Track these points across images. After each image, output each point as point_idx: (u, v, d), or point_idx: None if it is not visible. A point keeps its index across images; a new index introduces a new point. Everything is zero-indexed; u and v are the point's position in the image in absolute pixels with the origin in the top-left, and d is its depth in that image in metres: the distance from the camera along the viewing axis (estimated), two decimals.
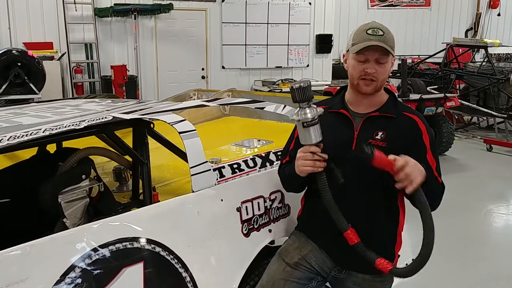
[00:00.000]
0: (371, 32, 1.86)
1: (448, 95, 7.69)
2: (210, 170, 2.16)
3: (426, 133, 1.92)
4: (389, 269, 1.84)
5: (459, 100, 8.10)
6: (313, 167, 1.88)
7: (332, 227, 1.98)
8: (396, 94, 6.81)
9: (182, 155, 2.29)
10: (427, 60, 10.39)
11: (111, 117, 2.12)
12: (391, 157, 1.71)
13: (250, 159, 2.44)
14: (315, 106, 1.85)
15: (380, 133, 1.92)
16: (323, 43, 10.70)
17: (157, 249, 1.87)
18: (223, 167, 2.29)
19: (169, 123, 2.17)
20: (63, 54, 8.28)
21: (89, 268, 1.68)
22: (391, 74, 10.44)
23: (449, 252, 4.26)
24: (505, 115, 8.64)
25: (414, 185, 1.70)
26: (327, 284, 2.18)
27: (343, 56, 2.02)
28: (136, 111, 2.37)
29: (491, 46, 9.45)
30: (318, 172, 1.88)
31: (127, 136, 2.43)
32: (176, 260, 1.92)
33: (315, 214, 2.07)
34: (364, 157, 1.68)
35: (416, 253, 2.89)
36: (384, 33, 1.87)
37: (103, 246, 1.74)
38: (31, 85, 6.90)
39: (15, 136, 1.80)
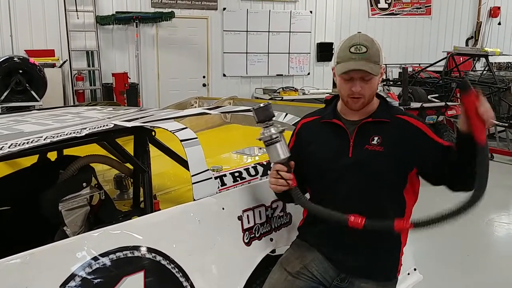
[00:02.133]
0: (354, 50, 1.85)
1: (449, 103, 7.68)
2: (211, 178, 2.15)
3: (426, 127, 1.95)
4: (412, 225, 1.73)
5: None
6: (276, 185, 1.94)
7: (334, 234, 1.98)
8: (397, 103, 6.81)
9: (184, 163, 2.28)
10: (428, 69, 10.40)
11: (112, 125, 2.11)
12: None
13: (252, 167, 2.44)
14: (278, 124, 1.94)
15: (376, 138, 1.93)
16: (324, 51, 10.72)
17: (158, 258, 1.86)
18: (225, 175, 2.28)
19: (170, 131, 2.16)
20: (64, 62, 8.30)
21: (89, 277, 1.67)
22: (391, 83, 10.51)
23: (452, 261, 4.24)
24: (506, 124, 8.63)
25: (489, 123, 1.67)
26: None
27: (332, 69, 2.01)
28: (137, 118, 2.36)
29: (491, 55, 9.46)
30: (290, 189, 1.93)
31: (128, 144, 2.42)
32: (177, 269, 1.90)
33: (317, 223, 2.06)
34: (462, 89, 1.68)
35: (417, 261, 2.89)
36: (367, 49, 1.85)
37: (103, 254, 1.72)
38: (33, 92, 6.92)
39: (16, 143, 1.79)
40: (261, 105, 1.95)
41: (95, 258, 1.70)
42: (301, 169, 2.04)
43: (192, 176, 2.08)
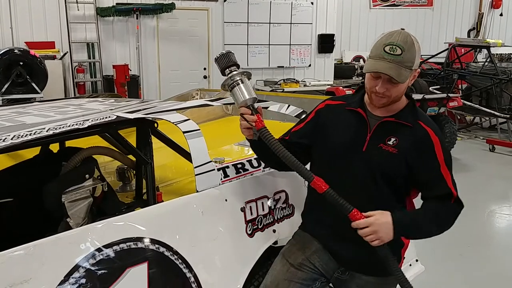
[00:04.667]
0: (388, 50, 1.76)
1: (450, 95, 7.67)
2: (214, 170, 2.15)
3: (440, 146, 1.87)
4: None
5: (462, 100, 8.08)
6: (241, 128, 1.95)
7: (337, 228, 1.97)
8: None
9: (186, 154, 2.28)
10: (430, 60, 10.36)
11: (114, 117, 2.11)
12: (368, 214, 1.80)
13: (254, 158, 2.43)
14: (241, 70, 1.94)
15: (392, 139, 1.89)
16: (325, 43, 10.68)
17: (161, 249, 1.86)
18: (227, 167, 2.28)
19: (173, 123, 2.16)
20: (65, 54, 8.27)
21: (93, 268, 1.68)
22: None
23: (453, 252, 4.25)
24: (508, 115, 8.63)
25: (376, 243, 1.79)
26: (330, 285, 2.17)
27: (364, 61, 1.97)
28: (139, 110, 2.36)
29: (493, 46, 9.43)
30: (259, 132, 1.89)
31: (130, 136, 2.42)
32: (180, 260, 1.91)
33: (320, 213, 2.05)
34: None
35: (419, 252, 2.89)
36: (402, 51, 1.76)
37: (107, 246, 1.73)
38: (33, 84, 6.89)
39: (19, 135, 1.79)
40: (222, 52, 1.96)
41: (98, 250, 1.71)
42: (311, 147, 2.03)
43: (195, 167, 2.08)
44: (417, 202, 1.99)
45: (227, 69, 1.95)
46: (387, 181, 1.89)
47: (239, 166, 2.33)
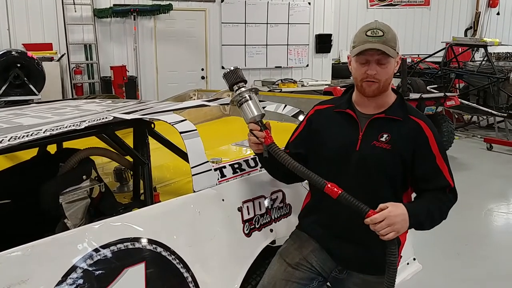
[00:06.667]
0: (370, 34, 1.85)
1: (448, 94, 7.68)
2: (211, 170, 2.15)
3: (434, 139, 1.89)
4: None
5: (459, 99, 8.10)
6: (250, 143, 2.00)
7: (334, 227, 1.98)
8: None
9: (183, 155, 2.28)
10: (427, 60, 10.39)
11: (111, 117, 2.11)
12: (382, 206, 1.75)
13: (251, 158, 2.43)
14: (249, 86, 2.01)
15: (385, 135, 1.90)
16: (323, 43, 10.71)
17: (159, 249, 1.86)
18: (224, 167, 2.28)
19: (170, 123, 2.16)
20: (62, 55, 8.28)
21: (90, 268, 1.68)
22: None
23: (450, 251, 4.26)
24: (505, 114, 8.63)
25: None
26: (328, 284, 2.17)
27: (348, 58, 2.01)
28: (136, 111, 2.36)
29: (490, 45, 9.46)
30: (268, 147, 1.93)
31: (127, 137, 2.43)
32: (177, 260, 1.91)
33: (319, 215, 2.06)
34: None
35: (416, 251, 2.90)
36: (384, 33, 1.85)
37: (104, 246, 1.73)
38: (31, 86, 6.90)
39: (16, 136, 1.79)
40: (230, 68, 2.01)
41: (96, 250, 1.71)
42: (307, 155, 2.04)
43: (192, 168, 2.08)
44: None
45: (235, 85, 2.00)
46: (383, 177, 1.90)
47: (236, 166, 2.33)
